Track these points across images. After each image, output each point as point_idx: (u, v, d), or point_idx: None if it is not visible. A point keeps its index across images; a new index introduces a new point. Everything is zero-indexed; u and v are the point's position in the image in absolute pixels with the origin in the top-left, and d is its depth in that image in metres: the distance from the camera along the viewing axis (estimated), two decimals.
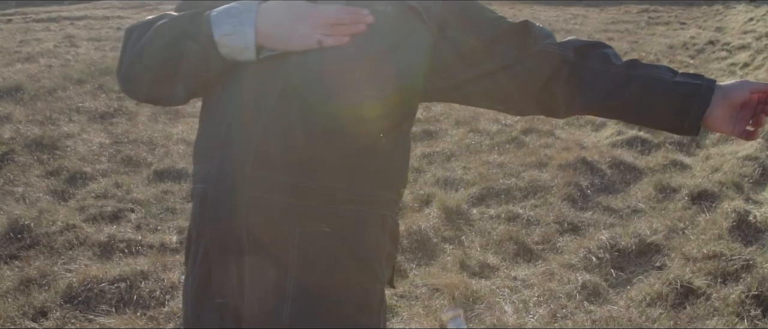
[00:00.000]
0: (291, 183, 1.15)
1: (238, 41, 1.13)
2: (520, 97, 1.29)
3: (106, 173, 5.09)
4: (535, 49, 1.25)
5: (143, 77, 1.21)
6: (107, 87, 7.82)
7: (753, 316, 2.97)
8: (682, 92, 1.19)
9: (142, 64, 1.19)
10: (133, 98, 1.31)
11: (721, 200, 4.42)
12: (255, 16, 1.13)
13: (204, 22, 1.14)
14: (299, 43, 1.15)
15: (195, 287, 1.23)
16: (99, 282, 3.30)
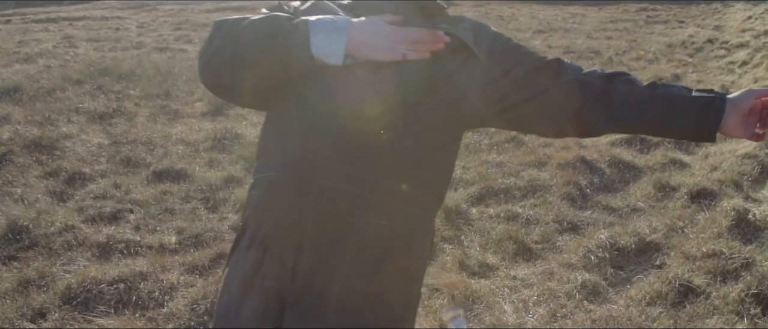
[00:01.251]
0: (361, 177, 1.28)
1: (331, 46, 1.27)
2: (559, 119, 1.46)
3: (104, 173, 5.08)
4: (568, 78, 1.43)
5: (229, 61, 1.31)
6: (106, 87, 7.81)
7: (753, 315, 2.96)
8: (700, 104, 1.36)
9: (233, 47, 1.30)
10: (207, 80, 1.41)
11: (720, 199, 4.41)
12: (349, 27, 1.29)
13: (302, 24, 1.28)
14: (383, 55, 1.30)
15: (245, 271, 1.31)
16: (98, 282, 3.29)
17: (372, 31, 1.31)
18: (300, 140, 1.30)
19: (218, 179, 4.93)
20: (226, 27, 1.34)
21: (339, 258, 1.28)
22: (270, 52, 1.29)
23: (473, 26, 1.48)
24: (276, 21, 1.31)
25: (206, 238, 3.97)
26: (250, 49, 1.29)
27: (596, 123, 1.43)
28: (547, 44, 12.58)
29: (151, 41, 12.06)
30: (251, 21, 1.31)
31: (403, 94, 1.34)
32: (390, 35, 1.31)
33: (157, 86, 8.02)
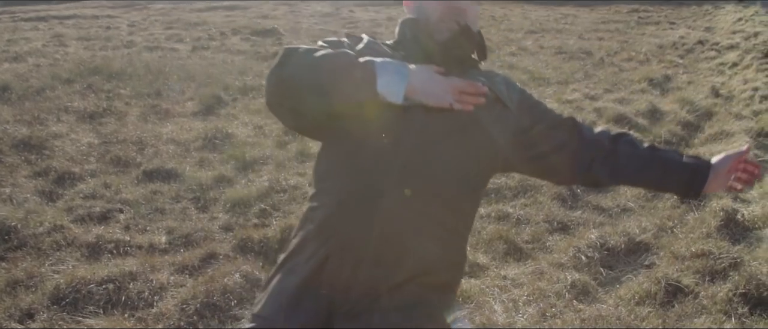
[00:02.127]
0: (418, 208, 1.49)
1: (393, 87, 1.44)
2: (572, 172, 1.74)
3: (94, 173, 5.06)
4: (583, 137, 1.72)
5: (301, 87, 1.45)
6: (96, 87, 7.77)
7: (740, 314, 2.98)
8: (690, 170, 1.69)
9: (307, 75, 1.45)
10: (274, 100, 1.55)
11: (709, 199, 4.43)
12: (409, 73, 1.46)
13: (370, 63, 1.44)
14: (436, 101, 1.47)
15: (303, 278, 1.49)
16: (87, 283, 3.27)
17: (426, 78, 1.47)
18: (368, 171, 1.49)
19: (209, 178, 4.91)
20: (300, 55, 1.48)
21: (393, 274, 1.48)
22: (341, 85, 1.44)
23: (505, 81, 1.72)
24: (348, 57, 1.47)
25: (196, 238, 3.96)
26: (324, 79, 1.43)
27: (602, 178, 1.73)
28: (538, 45, 12.61)
29: (141, 40, 12.01)
30: (326, 54, 1.47)
31: (452, 137, 1.56)
32: (441, 84, 1.47)
33: (147, 85, 7.99)
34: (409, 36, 1.68)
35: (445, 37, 1.63)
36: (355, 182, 1.49)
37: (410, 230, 1.50)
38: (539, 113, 1.74)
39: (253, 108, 7.17)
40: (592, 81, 9.11)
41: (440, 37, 1.63)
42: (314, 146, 5.72)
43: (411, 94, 1.46)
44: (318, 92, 1.45)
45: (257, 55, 10.47)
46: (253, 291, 3.29)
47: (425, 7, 1.67)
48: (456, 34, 1.64)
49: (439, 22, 1.64)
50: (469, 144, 1.58)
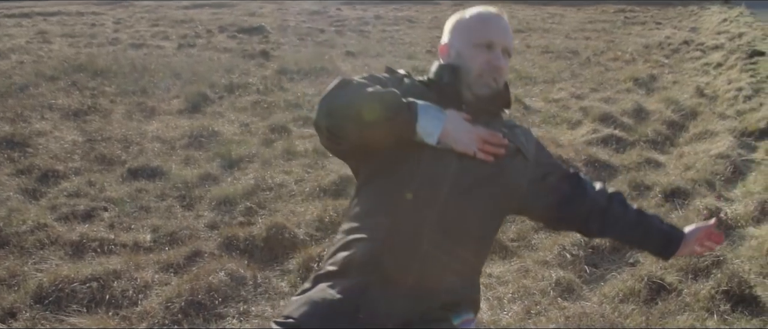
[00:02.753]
0: (451, 248, 1.63)
1: (430, 129, 1.61)
2: (571, 222, 1.98)
3: (78, 171, 5.02)
4: (585, 192, 1.92)
5: (350, 116, 1.60)
6: (81, 84, 7.72)
7: (722, 311, 3.01)
8: (666, 238, 1.94)
9: (358, 106, 1.58)
10: (323, 122, 1.65)
11: (693, 198, 4.47)
12: (445, 117, 1.63)
13: (413, 105, 1.61)
14: (463, 148, 1.64)
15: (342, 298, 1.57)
16: (70, 281, 3.24)
17: (458, 125, 1.65)
18: (409, 215, 1.61)
19: (194, 176, 4.89)
20: (353, 87, 1.63)
21: (426, 307, 1.61)
22: (386, 120, 1.59)
23: (524, 132, 1.88)
24: (395, 96, 1.61)
25: (181, 236, 3.94)
26: (373, 112, 1.58)
27: (593, 232, 2.00)
28: (525, 44, 12.66)
29: (127, 37, 11.94)
30: (377, 90, 1.62)
31: (483, 186, 1.69)
32: (469, 133, 1.66)
33: (133, 82, 7.94)
34: (446, 81, 1.79)
35: (484, 92, 1.78)
36: (398, 224, 1.62)
37: (442, 270, 1.64)
38: (551, 165, 1.93)
39: (240, 106, 7.15)
40: (579, 80, 9.16)
41: (479, 91, 1.78)
42: (300, 145, 5.71)
43: (444, 138, 1.62)
44: (363, 123, 1.59)
45: (244, 53, 10.43)
46: (239, 289, 3.28)
47: (466, 60, 1.79)
48: (494, 92, 1.80)
49: (478, 77, 1.77)
50: (496, 193, 1.73)
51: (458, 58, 1.82)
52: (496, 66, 1.77)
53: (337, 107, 1.61)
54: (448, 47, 1.88)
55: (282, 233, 3.85)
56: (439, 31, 14.31)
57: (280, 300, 3.25)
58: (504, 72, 1.82)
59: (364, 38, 13.00)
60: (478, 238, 1.74)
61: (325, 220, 4.11)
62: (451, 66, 1.82)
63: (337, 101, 1.62)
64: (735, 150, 5.60)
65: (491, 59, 1.77)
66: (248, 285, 3.35)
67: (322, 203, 4.36)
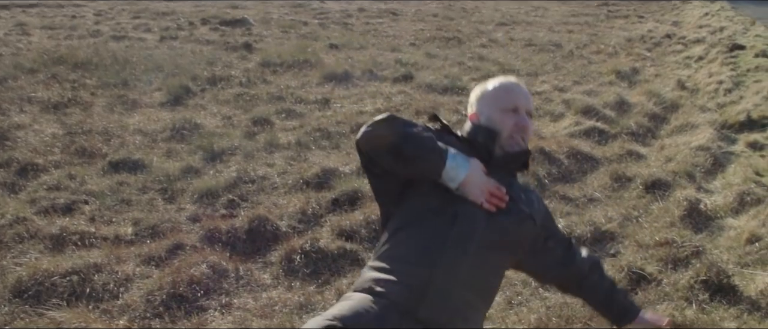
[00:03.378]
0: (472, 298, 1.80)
1: (453, 175, 1.79)
2: (555, 280, 2.25)
3: (59, 164, 4.97)
4: (574, 259, 2.15)
5: (389, 146, 1.80)
6: (61, 76, 7.63)
7: (701, 300, 3.04)
8: (625, 311, 2.18)
9: (398, 140, 1.79)
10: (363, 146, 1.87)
11: (673, 189, 4.51)
12: (469, 167, 1.81)
13: (444, 151, 1.80)
14: (474, 197, 1.81)
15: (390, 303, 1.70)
16: (50, 275, 3.22)
17: (477, 177, 1.82)
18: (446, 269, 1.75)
19: (176, 169, 4.86)
20: (399, 123, 1.83)
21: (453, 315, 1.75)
22: (418, 158, 1.79)
23: (537, 198, 2.08)
24: (432, 141, 1.81)
25: (163, 229, 3.92)
26: (409, 149, 1.78)
27: (571, 292, 2.28)
28: (509, 37, 12.69)
29: (108, 29, 11.82)
30: (417, 132, 1.82)
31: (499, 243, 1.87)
32: (482, 185, 1.83)
33: (114, 75, 7.86)
34: (481, 140, 2.00)
35: (514, 150, 2.00)
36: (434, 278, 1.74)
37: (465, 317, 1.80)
38: (553, 230, 2.15)
39: (222, 98, 7.11)
40: (561, 73, 9.20)
41: (510, 149, 2.00)
42: (283, 137, 5.70)
43: (463, 186, 1.81)
44: (398, 156, 1.80)
45: (226, 46, 10.37)
46: (221, 282, 3.27)
47: (497, 123, 2.00)
48: (523, 152, 2.03)
49: (509, 137, 1.99)
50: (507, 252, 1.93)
51: (489, 122, 2.02)
52: (523, 126, 2.01)
53: (380, 136, 1.81)
54: (477, 114, 2.07)
55: (264, 225, 3.84)
56: (423, 24, 14.29)
57: (262, 292, 3.24)
58: (529, 131, 2.05)
59: (348, 31, 12.96)
60: (491, 290, 1.94)
61: (307, 212, 4.11)
62: (487, 128, 2.01)
63: (381, 131, 1.81)
64: (715, 142, 5.66)
65: (518, 121, 2.00)
66: (230, 278, 3.34)
67: (305, 196, 4.35)
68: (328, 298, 3.15)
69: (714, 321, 2.88)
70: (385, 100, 7.12)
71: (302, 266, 3.48)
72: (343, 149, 5.46)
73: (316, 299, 3.14)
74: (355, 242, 3.74)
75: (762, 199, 4.22)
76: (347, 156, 5.24)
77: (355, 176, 4.75)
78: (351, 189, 4.38)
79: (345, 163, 5.01)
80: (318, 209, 4.17)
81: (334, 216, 4.08)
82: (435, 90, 7.67)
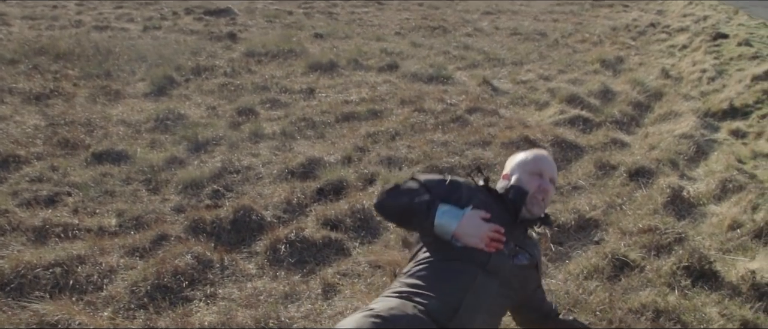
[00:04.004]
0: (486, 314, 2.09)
1: (445, 227, 2.14)
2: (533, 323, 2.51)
3: (41, 156, 4.92)
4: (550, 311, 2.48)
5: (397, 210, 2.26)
6: (42, 67, 7.54)
7: (683, 286, 3.08)
8: None
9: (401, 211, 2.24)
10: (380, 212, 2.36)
11: (657, 177, 4.55)
12: (459, 219, 2.14)
13: (433, 211, 2.15)
14: (472, 243, 2.12)
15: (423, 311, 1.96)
16: (33, 267, 3.19)
17: (471, 227, 2.13)
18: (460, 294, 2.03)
19: (160, 160, 4.83)
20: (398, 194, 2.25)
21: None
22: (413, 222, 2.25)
23: (539, 250, 2.41)
24: (421, 206, 2.17)
25: (147, 220, 3.90)
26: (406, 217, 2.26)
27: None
28: (494, 26, 12.69)
29: (90, 20, 11.68)
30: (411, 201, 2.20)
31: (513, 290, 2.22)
32: (479, 232, 2.12)
33: (97, 65, 7.77)
34: (512, 197, 2.34)
35: (536, 212, 2.35)
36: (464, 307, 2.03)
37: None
38: (539, 280, 2.46)
39: (206, 88, 7.06)
40: (547, 62, 9.22)
41: (533, 210, 2.34)
42: (268, 127, 5.67)
43: (456, 236, 2.13)
44: (400, 221, 2.35)
45: (210, 35, 10.29)
46: (205, 272, 3.26)
47: (524, 183, 2.36)
48: (542, 216, 2.39)
49: (532, 197, 2.33)
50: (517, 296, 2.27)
51: (519, 182, 2.38)
52: (545, 189, 2.36)
53: (385, 207, 2.29)
54: (510, 175, 2.45)
55: (249, 215, 3.83)
56: (408, 13, 14.24)
57: (247, 282, 3.23)
58: (550, 194, 2.40)
59: (333, 20, 12.91)
60: (501, 316, 2.30)
61: (292, 202, 4.10)
62: (520, 188, 2.36)
63: (385, 202, 2.28)
64: (698, 130, 5.71)
65: (542, 184, 2.36)
66: (215, 268, 3.33)
67: (290, 185, 4.34)
68: (313, 287, 3.15)
69: (696, 307, 2.91)
70: (370, 89, 7.10)
71: (287, 255, 3.47)
72: (328, 139, 5.45)
73: (301, 288, 3.14)
74: (341, 231, 3.74)
75: (744, 186, 4.27)
76: (332, 146, 5.23)
77: (340, 165, 4.75)
78: (336, 179, 4.38)
79: (330, 152, 5.00)
80: (303, 198, 4.16)
81: (320, 206, 4.08)
82: (420, 79, 7.66)
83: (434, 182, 2.31)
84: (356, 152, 5.07)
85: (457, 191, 2.28)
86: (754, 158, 5.11)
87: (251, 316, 2.86)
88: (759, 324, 2.82)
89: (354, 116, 6.11)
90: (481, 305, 2.06)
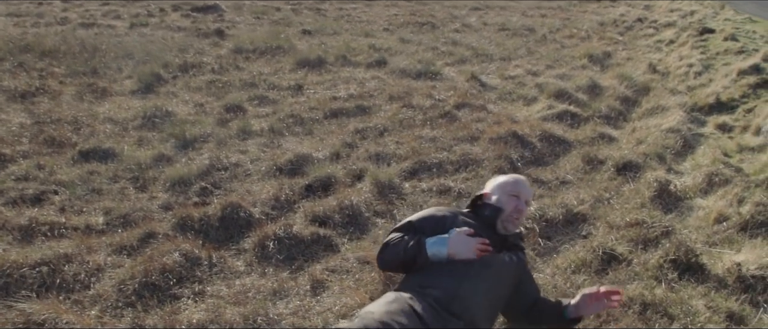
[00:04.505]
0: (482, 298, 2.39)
1: (437, 252, 2.46)
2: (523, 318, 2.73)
3: (27, 154, 4.88)
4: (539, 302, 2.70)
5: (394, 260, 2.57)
6: (28, 65, 7.47)
7: (670, 279, 3.10)
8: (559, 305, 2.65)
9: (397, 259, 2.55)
10: (382, 266, 2.69)
11: (644, 171, 4.57)
12: (447, 243, 2.48)
13: (423, 245, 2.49)
14: (465, 256, 2.45)
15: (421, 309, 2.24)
16: (19, 266, 3.16)
17: (459, 244, 2.47)
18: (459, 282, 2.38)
19: (148, 157, 4.80)
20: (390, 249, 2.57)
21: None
22: (410, 262, 2.51)
23: (524, 256, 2.72)
24: (411, 248, 2.50)
25: (135, 218, 3.87)
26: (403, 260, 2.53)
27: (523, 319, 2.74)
28: (482, 21, 12.70)
29: (76, 17, 11.61)
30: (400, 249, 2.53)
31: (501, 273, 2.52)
32: (467, 247, 2.46)
33: (83, 63, 7.72)
34: (488, 214, 2.70)
35: (511, 229, 2.70)
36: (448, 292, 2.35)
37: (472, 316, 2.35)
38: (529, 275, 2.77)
39: (194, 85, 7.03)
40: (535, 57, 9.24)
41: (508, 226, 2.68)
42: (256, 124, 5.66)
43: (450, 256, 2.45)
44: (400, 267, 2.59)
45: (198, 32, 10.24)
46: (194, 270, 3.25)
47: (502, 203, 2.70)
48: (516, 231, 2.75)
49: (509, 215, 2.67)
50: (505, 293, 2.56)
51: (498, 202, 2.72)
52: (520, 209, 2.70)
53: (387, 263, 2.61)
54: (490, 194, 2.77)
55: (237, 212, 3.81)
56: (396, 9, 14.23)
57: (235, 279, 3.22)
58: (524, 214, 2.75)
59: (321, 16, 12.88)
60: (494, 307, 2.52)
61: (281, 198, 4.09)
62: (496, 207, 2.70)
63: (385, 260, 2.60)
64: (685, 124, 5.74)
65: (518, 204, 2.70)
66: (203, 265, 3.31)
67: (278, 182, 4.33)
68: (301, 284, 3.14)
69: (682, 300, 2.93)
70: (358, 85, 7.10)
71: (276, 252, 3.46)
72: (317, 135, 5.44)
73: (289, 285, 3.14)
74: (329, 227, 3.74)
75: (730, 179, 4.30)
76: (321, 142, 5.22)
77: (329, 161, 4.74)
78: (324, 175, 4.37)
79: (318, 149, 5.00)
80: (291, 195, 4.15)
81: (308, 202, 4.07)
82: (409, 75, 7.66)
83: (424, 219, 2.66)
84: (344, 149, 5.06)
85: (443, 221, 2.62)
86: (740, 151, 5.15)
87: (240, 313, 2.86)
88: (744, 315, 2.85)
89: (342, 112, 6.10)
90: (478, 290, 2.36)
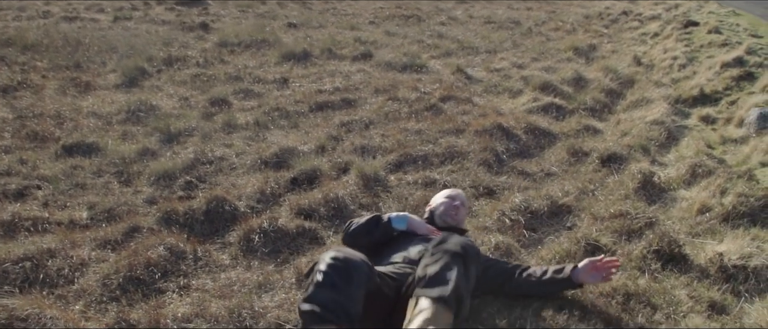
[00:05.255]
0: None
1: (400, 225, 3.04)
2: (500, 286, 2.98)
3: (9, 149, 4.83)
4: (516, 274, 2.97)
5: (362, 236, 3.05)
6: (9, 59, 7.39)
7: (653, 269, 3.12)
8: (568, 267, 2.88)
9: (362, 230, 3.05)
10: (347, 242, 3.05)
11: (628, 162, 4.60)
12: (407, 219, 3.07)
13: (389, 217, 3.06)
14: (423, 231, 3.05)
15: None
16: (2, 262, 3.14)
17: (415, 223, 3.08)
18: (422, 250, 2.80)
19: (132, 151, 4.77)
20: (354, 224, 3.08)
21: None
22: (378, 234, 3.04)
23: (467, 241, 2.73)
24: (379, 218, 3.06)
25: (119, 212, 3.85)
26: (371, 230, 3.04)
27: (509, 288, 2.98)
28: (468, 14, 12.71)
29: (59, 10, 11.48)
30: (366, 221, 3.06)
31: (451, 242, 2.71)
32: (422, 226, 3.09)
33: (66, 57, 7.65)
34: (438, 213, 3.33)
35: (449, 221, 3.28)
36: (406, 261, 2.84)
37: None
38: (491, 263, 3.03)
39: (179, 79, 6.98)
40: (520, 50, 9.26)
41: (448, 220, 3.29)
42: (241, 117, 5.63)
43: (410, 228, 3.05)
44: (368, 237, 3.04)
45: (183, 25, 10.17)
46: (179, 264, 3.24)
47: (440, 205, 3.36)
48: (450, 226, 3.26)
49: (443, 213, 3.31)
50: None
51: (437, 206, 3.37)
52: (454, 206, 3.33)
53: (352, 235, 3.05)
54: (432, 203, 3.43)
55: (222, 205, 3.80)
56: (382, 2, 14.19)
57: (221, 272, 3.21)
58: (459, 213, 3.34)
59: (307, 9, 12.84)
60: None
61: (266, 192, 4.08)
62: (432, 210, 3.37)
63: (350, 233, 3.06)
64: (669, 117, 5.78)
65: (452, 202, 3.35)
66: (188, 259, 3.30)
67: (263, 175, 4.32)
68: (287, 277, 3.14)
69: (665, 289, 2.95)
70: (344, 78, 7.08)
71: (261, 245, 3.46)
72: (302, 128, 5.43)
73: (275, 278, 3.13)
74: (314, 220, 3.74)
75: (713, 171, 4.33)
76: (306, 135, 5.21)
77: (314, 154, 4.74)
78: (310, 168, 4.37)
79: (304, 142, 4.99)
80: (277, 188, 4.14)
81: (293, 195, 4.06)
82: (394, 68, 7.66)
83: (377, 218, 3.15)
84: (330, 142, 5.05)
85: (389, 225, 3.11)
86: (723, 143, 5.20)
87: (225, 307, 2.85)
88: (726, 305, 2.87)
89: (328, 105, 6.09)
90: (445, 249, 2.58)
